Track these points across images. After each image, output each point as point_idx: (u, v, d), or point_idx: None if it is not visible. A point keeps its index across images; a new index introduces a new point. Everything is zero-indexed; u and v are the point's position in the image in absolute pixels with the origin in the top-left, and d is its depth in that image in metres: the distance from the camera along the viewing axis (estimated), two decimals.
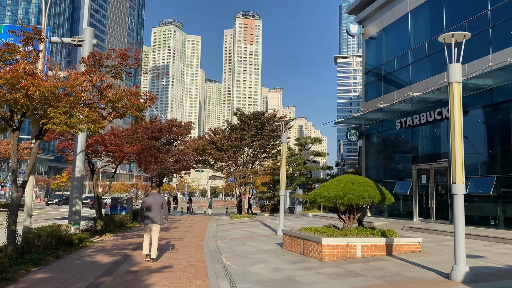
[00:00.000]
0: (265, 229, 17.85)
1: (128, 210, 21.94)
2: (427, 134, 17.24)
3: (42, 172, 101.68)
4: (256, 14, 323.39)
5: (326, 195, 10.08)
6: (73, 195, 14.94)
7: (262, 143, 25.66)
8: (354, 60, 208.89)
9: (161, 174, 30.43)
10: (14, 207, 9.20)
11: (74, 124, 8.69)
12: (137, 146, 16.41)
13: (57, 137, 16.53)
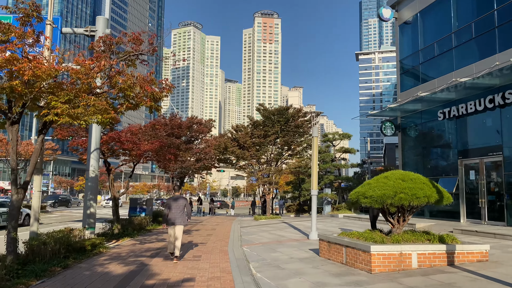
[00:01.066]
0: (294, 232, 16.39)
1: (148, 212, 20.84)
2: (475, 125, 15.41)
3: (65, 174, 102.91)
4: (275, 12, 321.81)
5: (372, 194, 8.56)
6: (87, 196, 13.84)
7: (287, 139, 24.17)
8: (376, 56, 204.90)
9: (182, 174, 29.37)
10: (14, 211, 8.05)
11: (78, 115, 7.45)
12: (155, 144, 15.23)
13: (71, 135, 15.52)
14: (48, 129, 8.75)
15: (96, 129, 13.79)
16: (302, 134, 25.24)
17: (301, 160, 25.55)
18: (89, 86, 8.24)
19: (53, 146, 34.60)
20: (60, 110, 7.18)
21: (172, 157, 15.87)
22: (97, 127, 13.78)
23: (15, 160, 8.05)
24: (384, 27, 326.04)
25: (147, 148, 15.03)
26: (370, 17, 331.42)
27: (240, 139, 24.84)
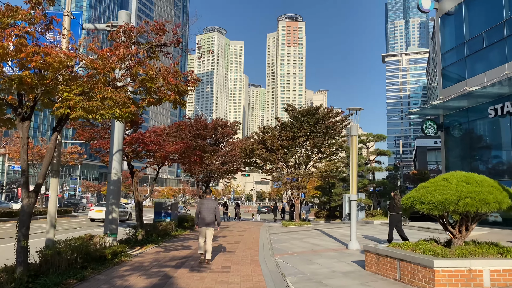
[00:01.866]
0: (329, 240, 15.14)
1: (173, 217, 20.01)
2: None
3: (93, 178, 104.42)
4: (299, 16, 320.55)
5: (431, 200, 7.31)
6: (109, 200, 13.04)
7: (317, 141, 22.91)
8: (403, 58, 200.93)
9: (207, 178, 28.51)
10: (25, 217, 7.22)
11: (94, 109, 6.55)
12: (180, 145, 14.33)
13: (93, 136, 14.82)
14: (63, 126, 7.91)
15: (119, 129, 13.00)
16: (333, 135, 23.94)
17: (332, 164, 24.27)
18: (107, 77, 7.35)
19: (79, 150, 34.49)
20: (73, 102, 6.29)
21: (198, 160, 14.95)
22: (120, 127, 13.00)
23: (25, 160, 7.23)
24: (411, 29, 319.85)
25: (171, 150, 14.15)
26: (396, 18, 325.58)
27: (267, 141, 23.77)
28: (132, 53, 7.40)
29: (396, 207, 12.30)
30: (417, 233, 16.57)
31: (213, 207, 10.49)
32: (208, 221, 10.33)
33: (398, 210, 12.16)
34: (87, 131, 14.94)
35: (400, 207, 11.97)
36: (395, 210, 12.42)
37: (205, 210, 10.40)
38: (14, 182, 72.64)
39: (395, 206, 12.38)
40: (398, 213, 12.19)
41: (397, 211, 12.25)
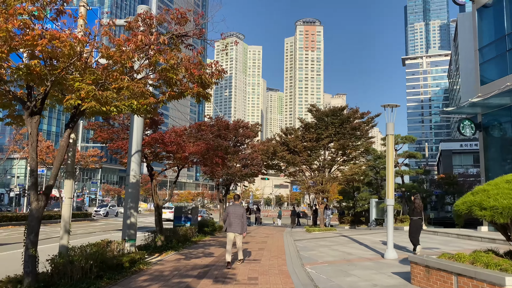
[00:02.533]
0: (360, 248, 14.09)
1: (193, 221, 19.26)
2: None
3: (113, 182, 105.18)
4: (317, 20, 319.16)
5: (494, 205, 6.28)
6: (127, 204, 12.35)
7: (343, 143, 21.83)
8: (424, 61, 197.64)
9: (227, 181, 27.76)
10: (34, 222, 6.51)
11: (108, 100, 5.79)
12: (201, 146, 13.58)
13: (111, 137, 14.21)
14: (76, 121, 7.20)
15: (138, 129, 12.33)
16: (359, 137, 22.83)
17: (359, 166, 23.16)
18: (124, 68, 6.60)
19: (99, 153, 34.24)
20: (85, 92, 5.54)
21: (220, 161, 14.16)
22: (139, 125, 12.33)
23: (34, 160, 6.53)
24: (431, 31, 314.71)
25: (192, 151, 13.40)
26: (416, 21, 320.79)
27: (290, 143, 22.82)
28: (152, 41, 6.63)
29: (415, 212, 11.87)
30: (457, 241, 15.37)
31: (240, 213, 10.61)
32: (236, 227, 10.48)
33: (418, 214, 11.83)
34: (105, 131, 14.36)
35: (420, 211, 11.83)
36: (414, 215, 11.88)
37: (233, 215, 10.54)
38: None
39: (414, 210, 11.92)
40: (418, 217, 11.82)
41: (417, 216, 11.85)
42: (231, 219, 10.51)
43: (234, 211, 10.58)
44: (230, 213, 10.58)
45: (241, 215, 10.56)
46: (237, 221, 10.47)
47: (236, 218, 10.48)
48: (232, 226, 10.47)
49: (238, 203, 11.10)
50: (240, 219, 10.50)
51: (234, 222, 10.47)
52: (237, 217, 10.50)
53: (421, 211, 11.92)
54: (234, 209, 10.65)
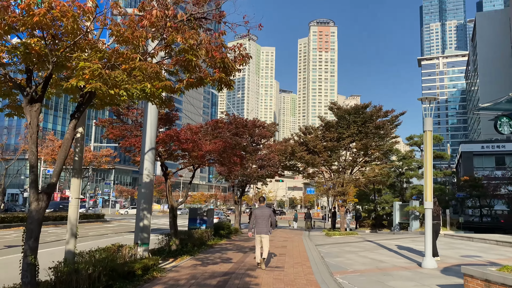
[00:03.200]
0: (391, 255, 13.00)
1: (209, 224, 18.38)
2: None
3: (127, 183, 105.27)
4: (331, 20, 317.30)
5: None
6: (140, 205, 11.50)
7: (366, 143, 20.70)
8: (440, 62, 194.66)
9: (243, 182, 26.85)
10: (34, 225, 5.67)
11: (116, 82, 4.91)
12: (218, 144, 12.68)
13: (123, 134, 13.41)
14: (83, 111, 6.35)
15: (151, 124, 11.50)
16: (383, 136, 21.67)
17: (383, 167, 21.97)
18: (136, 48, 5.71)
19: (112, 153, 33.65)
20: (89, 72, 4.66)
21: (238, 160, 13.25)
22: (152, 120, 11.50)
23: (34, 154, 5.69)
24: (448, 31, 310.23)
25: (209, 149, 12.51)
26: (432, 21, 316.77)
27: (309, 143, 21.78)
28: (169, 15, 5.74)
29: (433, 216, 11.17)
30: (498, 249, 14.17)
31: (267, 215, 10.74)
32: (263, 229, 10.67)
33: (436, 219, 11.42)
34: (117, 128, 13.58)
35: (437, 215, 11.39)
36: (433, 219, 11.10)
37: (260, 217, 10.74)
38: None
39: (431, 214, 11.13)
40: (436, 222, 11.42)
41: (435, 220, 11.35)
42: (258, 221, 10.73)
43: (261, 213, 10.76)
44: (257, 215, 10.76)
45: (268, 217, 10.73)
46: (264, 222, 10.68)
47: (263, 220, 10.69)
48: (259, 227, 10.68)
49: (264, 205, 11.37)
50: (266, 221, 10.69)
51: (261, 223, 10.69)
52: (264, 218, 10.70)
53: (438, 215, 11.54)
54: (261, 211, 10.83)
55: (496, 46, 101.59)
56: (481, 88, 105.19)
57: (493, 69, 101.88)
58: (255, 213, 10.88)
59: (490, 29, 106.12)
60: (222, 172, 24.21)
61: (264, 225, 10.65)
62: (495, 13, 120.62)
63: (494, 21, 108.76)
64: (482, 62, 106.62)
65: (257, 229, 10.73)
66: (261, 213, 10.76)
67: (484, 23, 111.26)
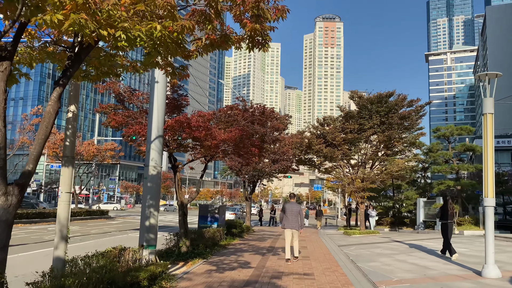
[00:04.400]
0: (434, 259, 11.36)
1: (221, 222, 16.83)
2: None
3: (132, 179, 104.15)
4: (336, 16, 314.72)
5: None
6: (146, 202, 9.94)
7: (389, 134, 19.00)
8: (448, 57, 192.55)
9: (254, 177, 25.28)
10: (1, 227, 4.09)
11: (112, 19, 3.30)
12: (234, 132, 11.11)
13: (126, 121, 11.85)
14: (70, 76, 4.77)
15: (159, 107, 9.95)
16: (408, 128, 19.96)
17: (408, 161, 20.29)
18: None
19: (116, 147, 32.19)
20: (72, 2, 3.05)
21: (257, 151, 11.66)
22: (160, 103, 9.94)
23: (1, 130, 4.12)
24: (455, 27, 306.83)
25: (224, 138, 10.92)
26: (439, 17, 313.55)
27: (328, 135, 20.12)
28: None
29: (447, 215, 11.38)
30: None
31: (297, 210, 10.99)
32: (293, 224, 10.88)
33: (450, 218, 11.41)
34: (119, 115, 12.02)
35: (452, 214, 11.33)
36: (445, 218, 11.40)
37: (290, 213, 10.93)
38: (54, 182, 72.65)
39: (447, 212, 11.43)
40: (450, 221, 11.40)
41: (449, 219, 11.38)
42: (288, 216, 10.92)
43: (290, 209, 10.95)
44: (287, 211, 10.96)
45: (298, 212, 10.93)
46: (294, 218, 10.86)
47: (293, 215, 10.87)
48: (290, 223, 10.87)
49: (294, 201, 11.39)
50: (296, 216, 10.88)
51: (291, 219, 10.87)
52: (294, 214, 10.88)
53: (453, 214, 11.37)
54: (291, 206, 11.02)
55: (507, 40, 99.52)
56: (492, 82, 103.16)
57: (504, 63, 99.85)
58: (285, 208, 11.09)
59: (501, 23, 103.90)
60: (234, 167, 22.67)
61: (295, 220, 10.85)
62: (506, 7, 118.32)
63: (505, 14, 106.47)
64: (492, 56, 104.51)
65: (287, 224, 10.91)
66: (291, 208, 10.94)
67: (494, 17, 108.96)
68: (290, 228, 10.85)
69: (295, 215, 10.88)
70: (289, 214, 10.89)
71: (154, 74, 10.40)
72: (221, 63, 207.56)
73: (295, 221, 10.86)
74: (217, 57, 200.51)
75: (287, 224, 10.88)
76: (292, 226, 10.83)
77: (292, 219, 10.83)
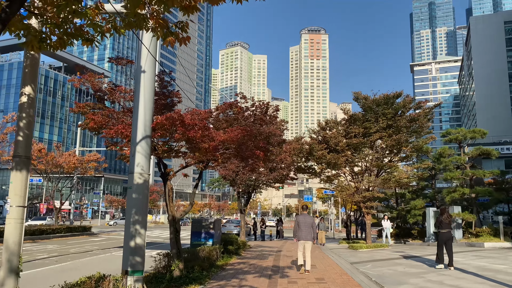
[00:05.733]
0: (478, 280, 9.62)
1: (216, 238, 14.92)
2: None
3: (117, 193, 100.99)
4: (322, 28, 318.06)
5: None
6: (130, 217, 8.07)
7: (398, 138, 17.41)
8: (433, 67, 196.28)
9: (249, 187, 23.44)
10: None
11: None
12: (235, 132, 9.33)
13: (107, 121, 9.99)
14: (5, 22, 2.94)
15: (146, 101, 8.15)
16: (418, 131, 18.41)
17: (417, 167, 18.70)
18: None
19: (99, 157, 29.97)
20: None
21: (261, 154, 9.88)
22: (147, 96, 8.15)
23: None
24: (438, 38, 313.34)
25: (224, 139, 9.14)
26: (422, 28, 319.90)
27: (330, 140, 18.46)
28: None
29: (444, 224, 11.36)
30: None
31: (310, 223, 11.27)
32: (307, 236, 11.09)
33: (446, 227, 11.35)
34: (99, 114, 10.14)
35: (449, 223, 11.30)
36: (442, 228, 11.34)
37: (303, 225, 11.18)
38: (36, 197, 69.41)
39: (442, 223, 11.42)
40: (447, 230, 11.36)
41: (445, 228, 11.34)
42: (302, 228, 11.16)
43: (304, 221, 11.22)
44: (301, 223, 11.22)
45: (311, 225, 11.23)
46: (308, 229, 11.12)
47: (306, 227, 11.14)
48: (303, 234, 11.09)
49: (307, 213, 11.66)
50: (309, 228, 11.16)
51: (305, 230, 11.10)
52: (307, 226, 11.16)
53: (450, 223, 11.36)
54: (304, 218, 11.30)
55: (491, 49, 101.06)
56: (477, 91, 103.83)
57: (490, 72, 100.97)
58: (298, 220, 11.37)
59: (485, 32, 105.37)
60: (228, 176, 20.82)
61: (308, 232, 11.10)
62: (490, 17, 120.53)
63: (489, 24, 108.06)
64: (477, 65, 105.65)
65: (300, 236, 11.14)
66: (304, 220, 11.24)
67: (479, 27, 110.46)
68: (304, 240, 11.05)
69: (308, 227, 11.14)
70: (303, 226, 11.13)
71: (141, 62, 8.63)
72: (208, 74, 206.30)
73: (309, 232, 11.10)
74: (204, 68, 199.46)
75: (301, 236, 11.07)
76: (305, 237, 11.06)
77: (305, 231, 11.09)
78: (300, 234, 11.09)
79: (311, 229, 11.07)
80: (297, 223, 11.31)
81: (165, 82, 10.70)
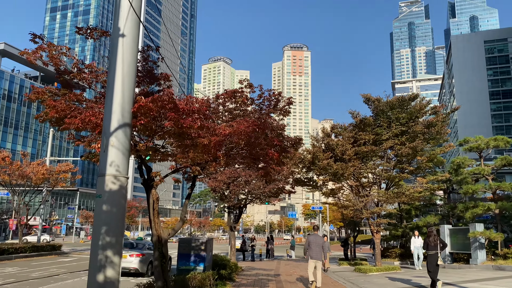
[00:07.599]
0: None
1: (208, 262, 12.31)
2: None
3: (93, 208, 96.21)
4: (304, 45, 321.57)
5: None
6: (98, 238, 5.56)
7: (414, 146, 15.28)
8: (414, 85, 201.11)
9: (240, 202, 20.96)
10: None
11: None
12: (245, 124, 6.95)
13: (72, 109, 7.46)
14: None
15: (125, 76, 5.78)
16: (437, 138, 16.36)
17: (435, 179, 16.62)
18: None
19: (72, 168, 26.97)
20: None
21: (276, 155, 7.55)
22: (126, 68, 5.80)
23: None
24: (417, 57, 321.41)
25: (231, 132, 6.76)
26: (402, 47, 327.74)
27: (337, 147, 16.22)
28: None
29: (430, 246, 11.41)
30: None
31: (321, 243, 11.69)
32: (318, 255, 11.50)
33: (433, 248, 11.37)
34: (61, 100, 7.61)
35: (435, 245, 11.29)
36: (429, 249, 11.40)
37: (314, 245, 11.56)
38: (5, 212, 64.86)
39: (429, 244, 11.47)
40: (434, 251, 11.33)
41: (432, 250, 11.35)
42: (312, 248, 11.51)
43: (315, 241, 11.59)
44: (312, 242, 11.57)
45: (321, 244, 11.63)
46: (318, 249, 11.49)
47: (317, 247, 11.50)
48: (313, 253, 11.44)
49: (317, 233, 12.22)
50: (320, 248, 11.54)
51: (315, 250, 11.47)
52: (318, 245, 11.52)
53: (436, 245, 11.29)
54: (315, 238, 11.67)
55: (472, 68, 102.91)
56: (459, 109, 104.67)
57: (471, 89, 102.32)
58: (309, 239, 11.64)
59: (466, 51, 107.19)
60: (218, 188, 18.31)
61: (318, 251, 11.43)
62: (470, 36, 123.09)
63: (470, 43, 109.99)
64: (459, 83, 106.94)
65: (311, 255, 11.40)
66: (315, 240, 11.54)
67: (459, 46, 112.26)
68: (315, 259, 11.40)
69: (319, 247, 11.47)
70: (313, 246, 11.45)
71: (119, 23, 6.22)
72: (190, 89, 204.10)
73: (319, 251, 11.44)
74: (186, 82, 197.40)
75: (312, 255, 11.37)
76: (316, 257, 11.39)
77: (316, 250, 11.40)
78: (311, 253, 11.41)
79: (322, 249, 11.50)
80: (308, 243, 11.61)
81: (149, 62, 8.25)
